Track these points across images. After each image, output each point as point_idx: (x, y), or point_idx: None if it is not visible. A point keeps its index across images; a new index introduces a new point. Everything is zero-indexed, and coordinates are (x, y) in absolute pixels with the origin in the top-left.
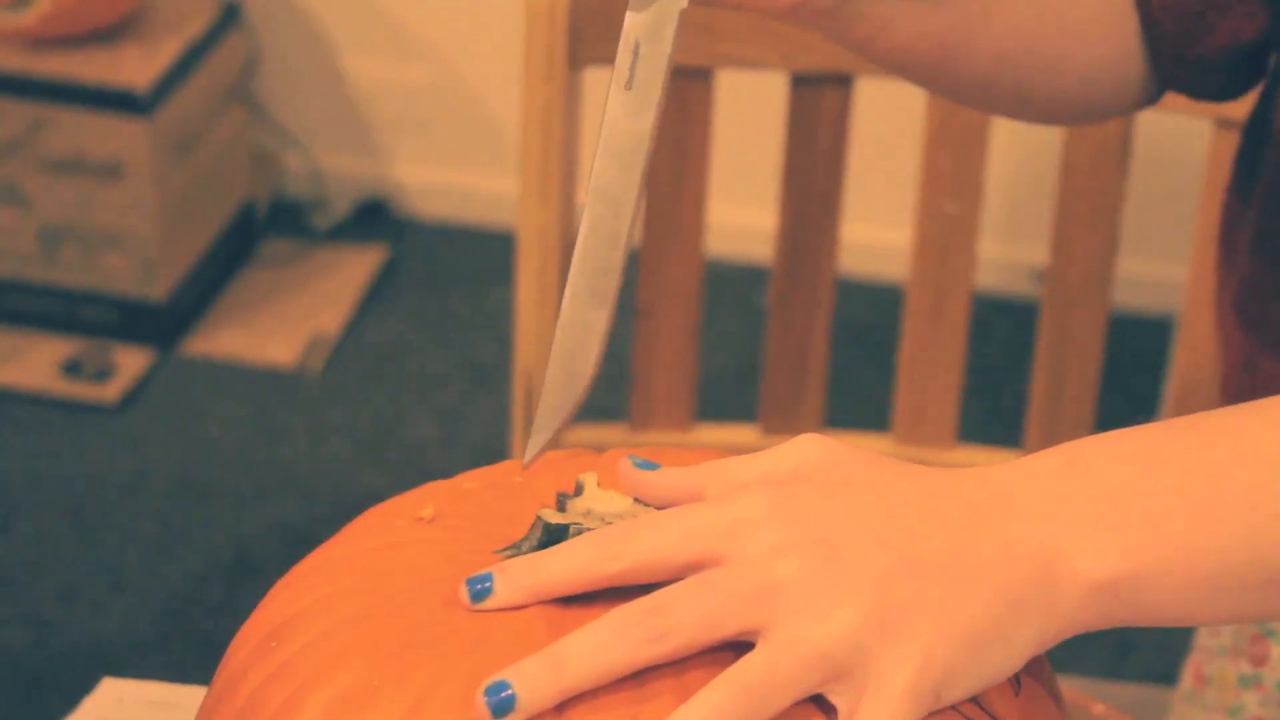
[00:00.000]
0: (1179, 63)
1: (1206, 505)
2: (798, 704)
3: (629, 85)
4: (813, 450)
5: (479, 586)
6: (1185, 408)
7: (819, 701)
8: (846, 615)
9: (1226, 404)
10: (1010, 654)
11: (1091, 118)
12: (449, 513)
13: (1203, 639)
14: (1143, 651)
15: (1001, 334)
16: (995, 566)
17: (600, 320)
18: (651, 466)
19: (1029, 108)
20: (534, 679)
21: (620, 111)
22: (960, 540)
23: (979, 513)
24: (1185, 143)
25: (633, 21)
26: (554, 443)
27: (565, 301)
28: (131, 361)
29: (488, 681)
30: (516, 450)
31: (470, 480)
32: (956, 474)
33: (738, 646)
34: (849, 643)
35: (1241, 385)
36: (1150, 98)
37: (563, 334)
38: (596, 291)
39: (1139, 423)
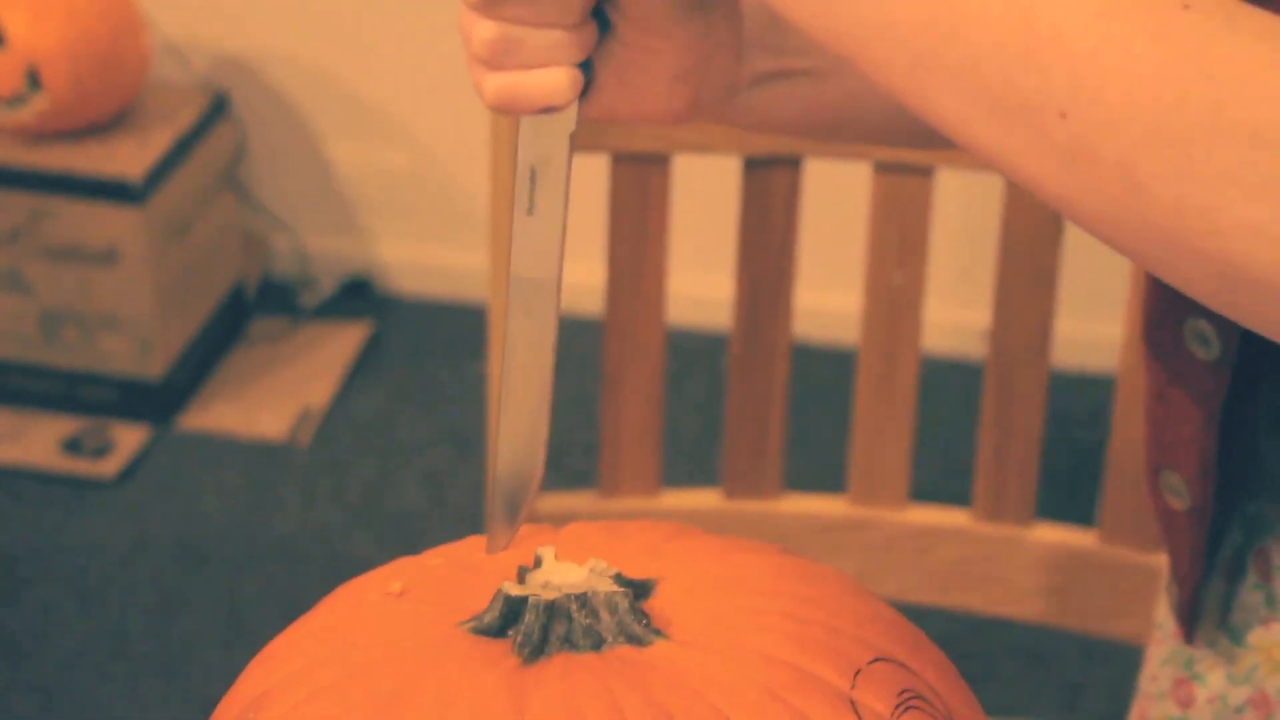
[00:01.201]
0: None
1: None
2: None
3: (530, 211)
4: None
5: None
6: (1127, 462)
7: None
8: None
9: (1152, 432)
10: None
11: None
12: (416, 588)
13: (1145, 684)
14: (1093, 695)
15: (953, 393)
16: None
17: (540, 432)
18: None
19: (933, 140)
20: None
21: (526, 241)
22: None
23: None
24: None
25: (525, 151)
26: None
27: (503, 419)
28: (129, 437)
29: None
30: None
31: (436, 557)
32: None
33: None
34: None
35: (1156, 415)
36: None
37: (506, 446)
38: (532, 411)
39: (1084, 478)
